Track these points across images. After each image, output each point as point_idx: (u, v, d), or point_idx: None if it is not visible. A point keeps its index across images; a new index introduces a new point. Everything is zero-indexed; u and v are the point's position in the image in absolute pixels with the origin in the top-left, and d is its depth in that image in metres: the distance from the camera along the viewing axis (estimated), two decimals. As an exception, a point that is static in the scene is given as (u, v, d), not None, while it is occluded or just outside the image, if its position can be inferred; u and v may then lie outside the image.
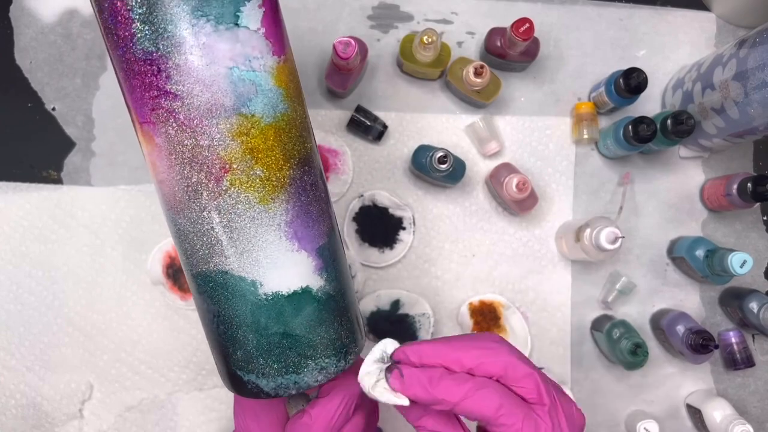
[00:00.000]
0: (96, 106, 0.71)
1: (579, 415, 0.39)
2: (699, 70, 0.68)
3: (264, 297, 0.42)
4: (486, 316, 0.70)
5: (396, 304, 0.70)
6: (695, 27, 0.76)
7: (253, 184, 0.40)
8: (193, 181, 0.40)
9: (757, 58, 0.57)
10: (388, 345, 0.42)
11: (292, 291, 0.42)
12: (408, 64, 0.68)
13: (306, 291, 0.43)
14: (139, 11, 0.38)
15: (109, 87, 0.71)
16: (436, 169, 0.63)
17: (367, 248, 0.71)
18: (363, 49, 0.67)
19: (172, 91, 0.39)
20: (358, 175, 0.72)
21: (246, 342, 0.42)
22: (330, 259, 0.45)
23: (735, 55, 0.61)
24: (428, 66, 0.68)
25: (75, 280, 0.70)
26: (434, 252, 0.72)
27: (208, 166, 0.40)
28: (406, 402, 0.38)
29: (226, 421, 0.71)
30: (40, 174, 0.71)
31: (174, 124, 0.39)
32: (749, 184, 0.66)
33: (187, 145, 0.39)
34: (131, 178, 0.71)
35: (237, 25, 0.39)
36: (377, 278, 0.72)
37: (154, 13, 0.38)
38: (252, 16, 0.40)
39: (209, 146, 0.39)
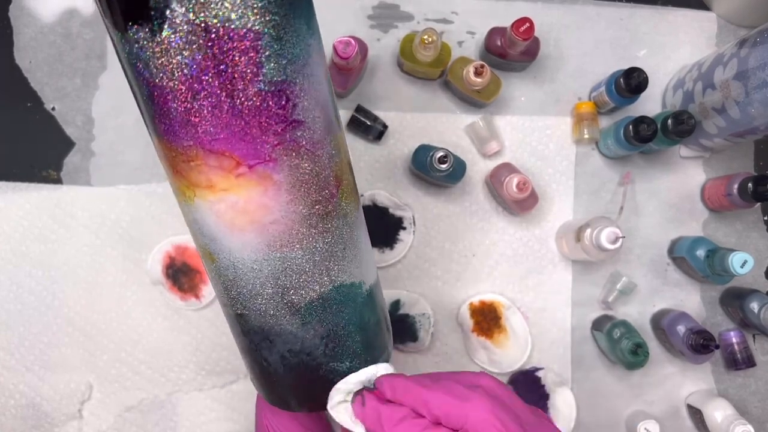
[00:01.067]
0: (96, 105, 0.71)
1: None
2: (700, 70, 0.67)
3: (366, 294, 0.43)
4: (486, 316, 0.70)
5: (396, 304, 0.70)
6: (696, 27, 0.76)
7: (351, 191, 0.42)
8: (316, 205, 0.39)
9: (757, 57, 0.57)
10: (381, 369, 0.41)
11: (375, 280, 0.45)
12: (408, 63, 0.68)
13: (377, 276, 0.47)
14: (267, 38, 0.34)
15: (108, 87, 0.71)
16: (436, 168, 0.63)
17: (368, 248, 0.71)
18: (363, 49, 0.67)
19: (298, 119, 0.36)
20: (358, 175, 0.72)
21: (355, 345, 0.43)
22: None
23: (736, 55, 0.60)
24: (428, 66, 0.68)
25: (75, 280, 0.70)
26: (434, 252, 0.72)
27: (328, 186, 0.39)
28: (360, 431, 0.37)
29: (226, 422, 0.70)
30: (39, 174, 0.71)
31: (298, 154, 0.37)
32: (750, 184, 0.66)
33: (309, 171, 0.38)
34: (131, 178, 0.71)
35: (320, 41, 0.40)
36: (377, 278, 0.72)
37: (283, 38, 0.34)
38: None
39: (328, 165, 0.39)
